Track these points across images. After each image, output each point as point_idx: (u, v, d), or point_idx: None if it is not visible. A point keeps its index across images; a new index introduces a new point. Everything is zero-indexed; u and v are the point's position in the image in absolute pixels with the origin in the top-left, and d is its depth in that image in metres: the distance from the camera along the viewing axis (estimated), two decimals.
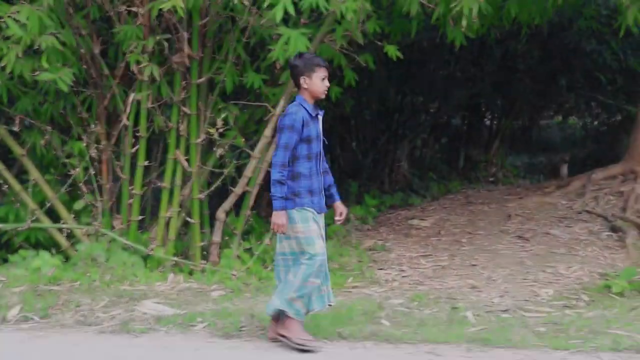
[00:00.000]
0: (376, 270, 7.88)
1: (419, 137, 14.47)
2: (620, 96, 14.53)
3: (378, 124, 14.05)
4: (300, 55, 5.04)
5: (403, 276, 7.70)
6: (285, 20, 6.98)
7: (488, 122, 17.30)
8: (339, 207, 5.27)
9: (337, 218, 5.27)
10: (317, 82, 4.92)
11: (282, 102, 7.45)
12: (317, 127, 4.99)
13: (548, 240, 8.93)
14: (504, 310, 6.16)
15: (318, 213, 4.99)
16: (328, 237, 8.78)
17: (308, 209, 4.90)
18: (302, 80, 4.92)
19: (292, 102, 5.01)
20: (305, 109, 4.90)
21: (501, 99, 15.66)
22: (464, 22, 6.30)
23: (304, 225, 4.88)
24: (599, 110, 16.89)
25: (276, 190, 4.78)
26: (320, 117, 5.04)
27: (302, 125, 4.84)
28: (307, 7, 6.56)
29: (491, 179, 14.42)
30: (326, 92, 5.02)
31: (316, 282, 4.92)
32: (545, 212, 10.19)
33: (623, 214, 9.71)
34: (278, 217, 4.81)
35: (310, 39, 6.90)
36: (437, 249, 8.82)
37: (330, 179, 5.21)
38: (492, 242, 9.01)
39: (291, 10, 6.41)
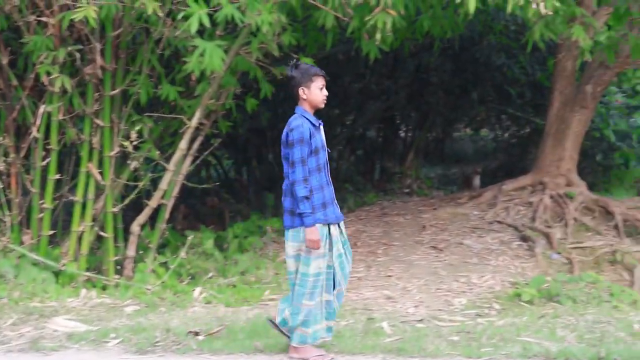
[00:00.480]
0: None
1: (335, 149, 14.54)
2: (528, 109, 14.96)
3: None
4: (296, 66, 4.94)
5: None
6: (201, 32, 6.93)
7: (403, 134, 17.54)
8: None
9: None
10: (316, 92, 4.88)
11: (197, 114, 7.39)
12: (321, 137, 4.95)
13: (461, 251, 9.12)
14: (419, 320, 6.26)
15: (334, 223, 4.93)
16: (244, 249, 8.77)
17: (320, 225, 4.85)
18: (301, 91, 4.87)
19: (293, 115, 4.92)
20: (308, 119, 4.85)
21: (415, 111, 15.91)
22: (378, 36, 6.38)
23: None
24: (509, 123, 17.33)
25: (305, 207, 4.70)
26: (322, 127, 5.00)
27: (310, 137, 4.78)
28: (223, 19, 6.53)
29: (406, 191, 14.60)
30: (325, 101, 4.97)
31: (310, 305, 4.87)
32: (458, 222, 10.39)
33: (532, 223, 10.00)
34: (312, 234, 4.75)
35: (225, 51, 6.87)
36: (354, 260, 8.86)
37: None
38: (407, 252, 9.14)
39: (206, 22, 6.38)
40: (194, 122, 7.36)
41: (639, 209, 10.41)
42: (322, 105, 4.94)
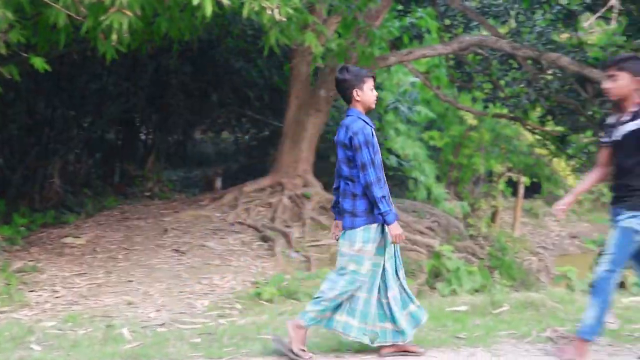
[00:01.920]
0: (26, 292, 7.44)
1: (72, 152, 13.95)
2: (267, 112, 15.36)
3: (27, 138, 13.31)
4: (346, 69, 4.93)
5: (56, 297, 7.37)
6: None
7: (143, 137, 17.26)
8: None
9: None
10: (369, 93, 4.88)
11: None
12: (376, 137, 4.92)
13: (203, 253, 9.14)
14: (161, 325, 6.16)
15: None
16: None
17: (372, 225, 4.76)
18: (354, 93, 4.85)
19: (347, 117, 4.85)
20: (365, 121, 4.80)
21: (156, 113, 15.73)
22: (114, 36, 6.19)
23: (364, 245, 4.74)
24: (249, 126, 17.70)
25: (384, 205, 4.65)
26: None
27: (372, 137, 4.77)
28: None
29: (147, 194, 14.38)
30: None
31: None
32: (200, 224, 10.42)
33: (272, 224, 10.29)
34: (396, 229, 4.68)
35: None
36: (93, 266, 8.58)
37: None
38: (149, 256, 8.99)
39: None
40: None
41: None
42: (374, 106, 4.98)
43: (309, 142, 11.37)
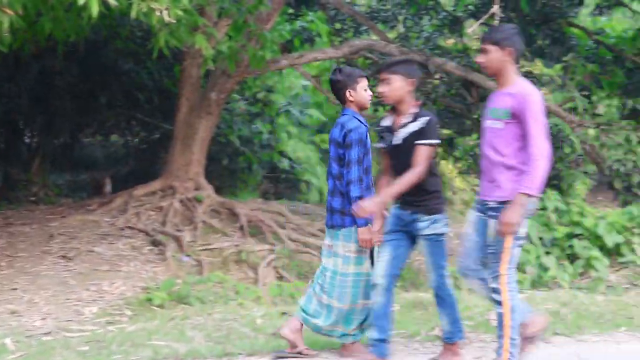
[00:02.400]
0: None
1: None
2: (157, 114, 15.11)
3: None
4: (339, 70, 5.01)
5: None
6: None
7: (28, 140, 16.68)
8: None
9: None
10: (362, 93, 4.94)
11: None
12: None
13: (92, 258, 8.93)
14: (46, 333, 6.00)
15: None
16: None
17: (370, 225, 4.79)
18: (347, 94, 4.90)
19: (343, 115, 4.91)
20: (360, 121, 4.85)
21: (40, 115, 15.21)
22: None
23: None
24: (139, 128, 17.36)
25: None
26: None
27: (366, 138, 4.81)
28: None
29: (32, 199, 13.89)
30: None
31: (343, 306, 4.83)
32: (88, 230, 10.16)
33: (163, 228, 10.15)
34: (365, 233, 4.72)
35: None
36: None
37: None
38: (34, 263, 8.70)
39: None
40: None
41: (261, 210, 11.10)
42: (368, 106, 5.04)
43: (201, 145, 11.27)
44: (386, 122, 4.80)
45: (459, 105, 12.55)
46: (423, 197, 4.62)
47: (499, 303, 4.29)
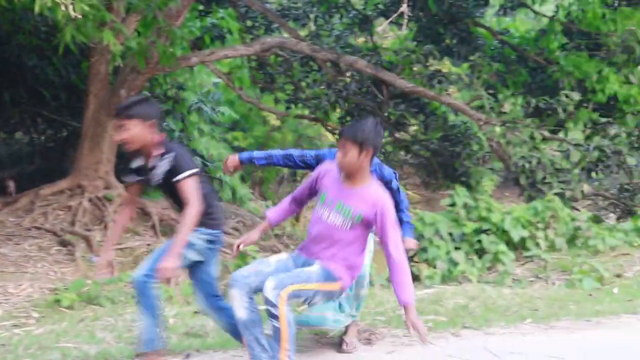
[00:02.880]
0: None
1: None
2: (64, 112, 14.72)
3: None
4: None
5: None
6: None
7: None
8: None
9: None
10: None
11: None
12: None
13: None
14: None
15: None
16: None
17: None
18: None
19: None
20: None
21: None
22: None
23: None
24: (45, 126, 16.88)
25: None
26: None
27: None
28: None
29: None
30: None
31: None
32: None
33: (72, 227, 9.92)
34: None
35: None
36: None
37: None
38: None
39: None
40: None
41: (173, 209, 10.97)
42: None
43: (110, 143, 11.05)
44: (137, 163, 4.53)
45: (369, 103, 12.71)
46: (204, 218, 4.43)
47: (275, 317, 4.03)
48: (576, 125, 12.34)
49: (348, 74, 12.28)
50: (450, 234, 9.23)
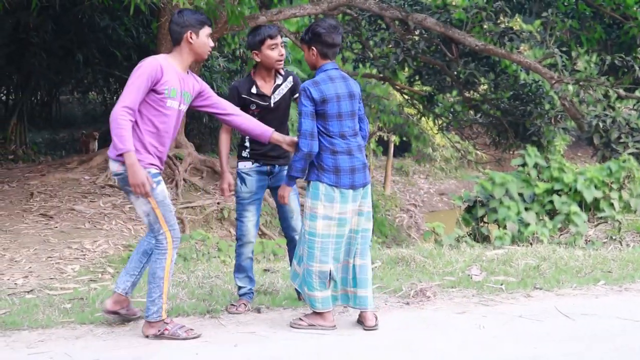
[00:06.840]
0: None
1: None
2: None
3: None
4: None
5: None
6: None
7: (4, 98, 16.51)
8: None
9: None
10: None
11: None
12: None
13: (73, 217, 8.92)
14: (29, 291, 5.99)
15: None
16: None
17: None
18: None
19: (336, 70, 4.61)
20: None
21: (17, 73, 15.03)
22: None
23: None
24: (117, 86, 17.19)
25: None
26: None
27: None
28: None
29: (11, 157, 13.80)
30: None
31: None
32: (69, 188, 10.13)
33: None
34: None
35: None
36: None
37: None
38: (14, 222, 8.68)
39: None
40: None
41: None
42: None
43: None
44: (255, 89, 4.98)
45: (438, 61, 12.53)
46: (285, 151, 4.75)
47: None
48: None
49: (416, 32, 12.10)
50: (521, 195, 9.07)
